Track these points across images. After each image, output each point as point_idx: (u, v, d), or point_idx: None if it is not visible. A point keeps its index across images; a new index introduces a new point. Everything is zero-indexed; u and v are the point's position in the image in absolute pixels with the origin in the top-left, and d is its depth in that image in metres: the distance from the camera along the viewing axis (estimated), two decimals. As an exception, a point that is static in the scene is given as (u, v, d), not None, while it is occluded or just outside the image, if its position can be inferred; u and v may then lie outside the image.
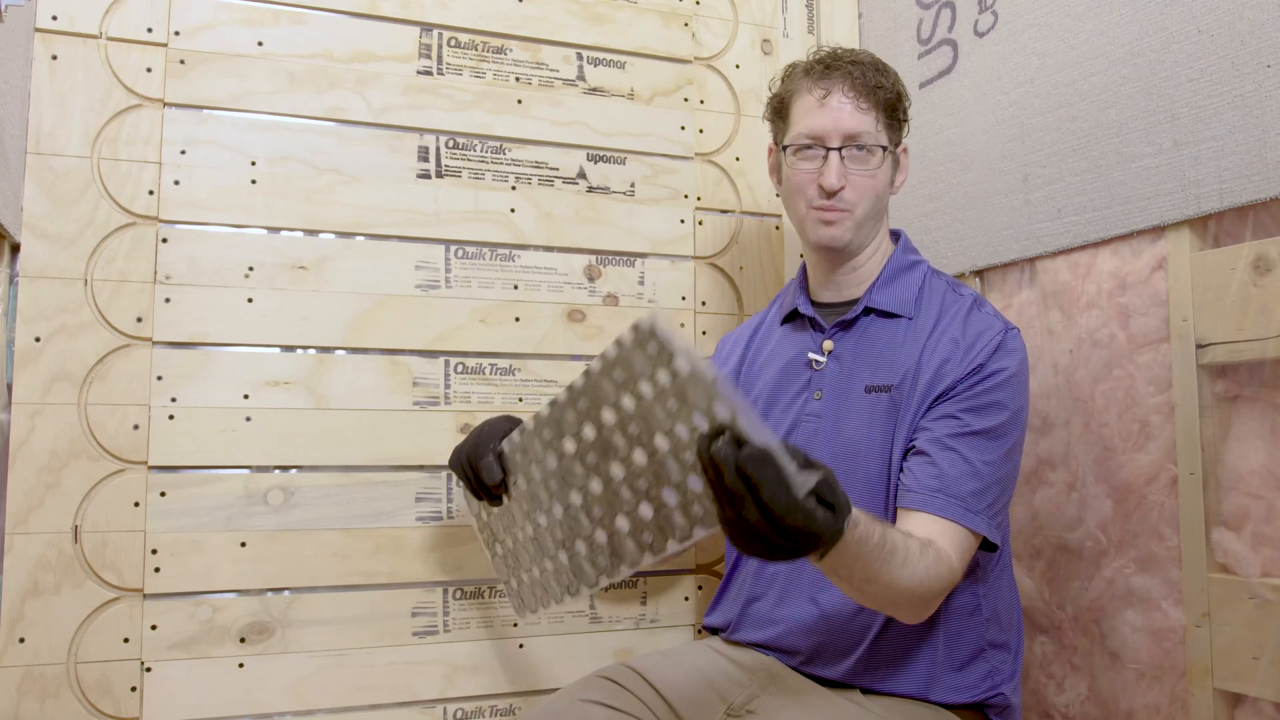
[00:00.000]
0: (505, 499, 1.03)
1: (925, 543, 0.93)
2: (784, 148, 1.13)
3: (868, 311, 1.12)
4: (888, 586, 0.88)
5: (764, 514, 0.68)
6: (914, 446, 1.03)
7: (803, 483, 0.69)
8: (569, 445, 0.88)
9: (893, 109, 1.12)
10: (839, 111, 1.09)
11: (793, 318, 1.19)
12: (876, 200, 1.11)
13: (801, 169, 1.11)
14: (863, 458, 1.07)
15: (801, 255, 1.25)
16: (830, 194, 1.08)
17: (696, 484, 0.75)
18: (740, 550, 0.72)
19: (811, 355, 1.14)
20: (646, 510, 0.79)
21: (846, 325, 1.13)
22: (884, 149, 1.10)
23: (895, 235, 1.19)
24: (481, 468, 1.02)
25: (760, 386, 1.18)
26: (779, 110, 1.17)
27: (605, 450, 0.83)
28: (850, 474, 1.06)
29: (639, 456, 0.79)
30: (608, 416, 0.82)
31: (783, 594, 1.12)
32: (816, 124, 1.09)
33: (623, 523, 0.82)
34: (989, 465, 1.00)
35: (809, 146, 1.10)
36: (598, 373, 0.83)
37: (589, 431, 0.85)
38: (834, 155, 1.08)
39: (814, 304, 1.17)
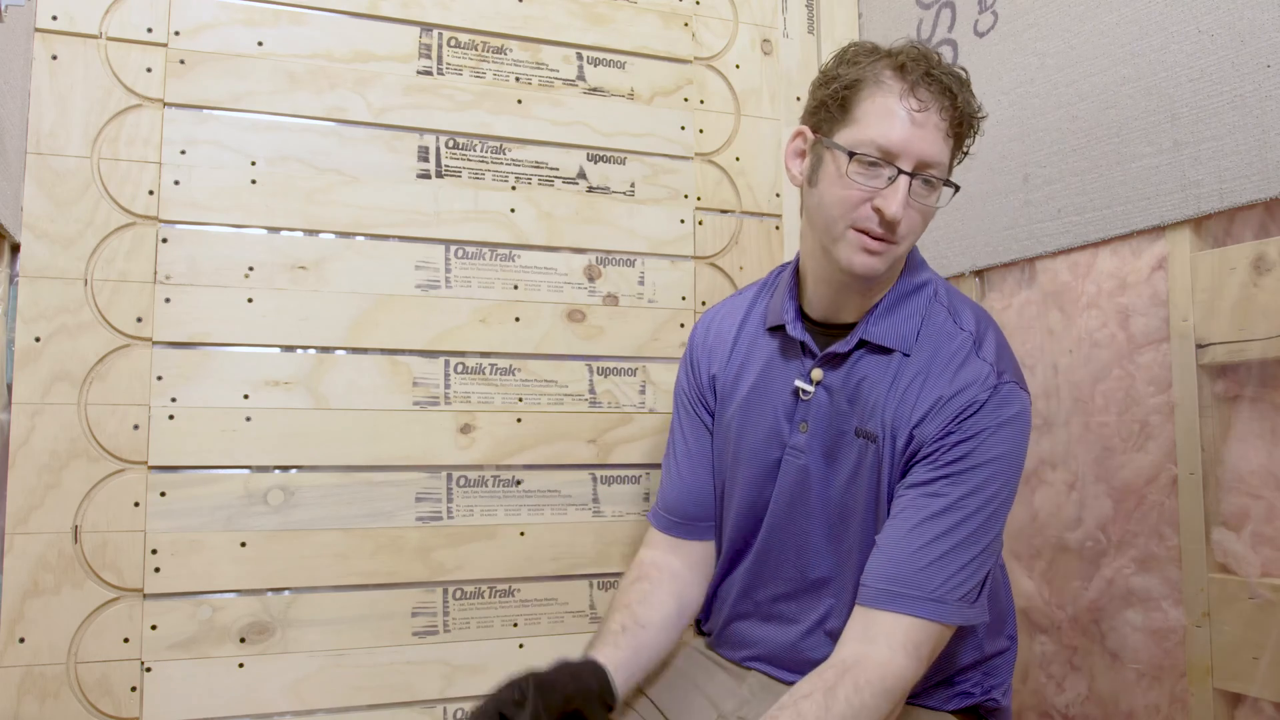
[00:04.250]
0: None
1: (833, 685, 0.86)
2: (848, 154, 0.93)
3: (861, 344, 1.00)
4: None
5: None
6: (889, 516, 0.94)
7: None
8: None
9: (963, 140, 0.98)
10: (929, 134, 0.92)
11: (781, 330, 1.07)
12: (918, 237, 1.00)
13: (859, 184, 0.93)
14: (847, 506, 1.00)
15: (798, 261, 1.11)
16: (891, 224, 0.93)
17: None
18: None
19: (799, 384, 1.03)
20: None
21: (838, 360, 1.01)
22: (945, 183, 0.96)
23: None
24: None
25: (739, 401, 1.09)
26: (840, 99, 0.95)
27: None
28: (839, 521, 1.01)
29: None
30: None
31: (766, 618, 1.08)
32: (900, 139, 0.91)
33: None
34: (965, 543, 0.90)
35: (877, 163, 0.92)
36: None
37: None
38: (903, 180, 0.92)
39: (806, 318, 1.05)
